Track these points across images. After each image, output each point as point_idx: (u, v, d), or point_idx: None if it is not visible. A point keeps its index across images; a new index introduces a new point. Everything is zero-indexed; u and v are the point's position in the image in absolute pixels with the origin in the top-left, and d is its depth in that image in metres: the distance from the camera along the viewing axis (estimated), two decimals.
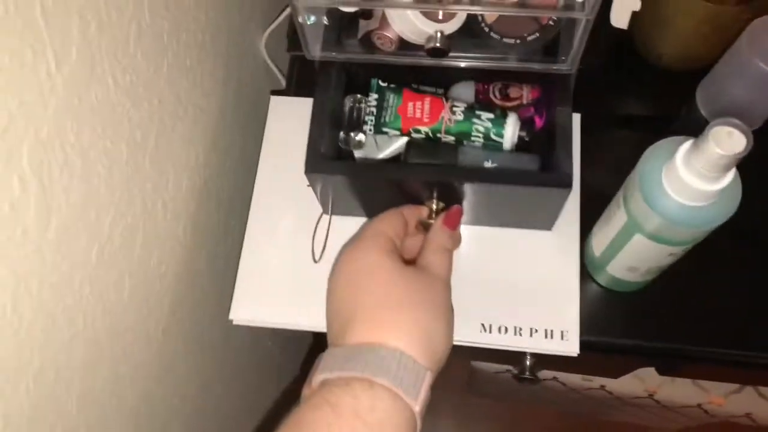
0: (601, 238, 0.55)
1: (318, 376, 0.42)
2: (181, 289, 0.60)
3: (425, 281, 0.46)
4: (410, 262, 0.50)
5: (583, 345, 0.58)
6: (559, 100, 0.54)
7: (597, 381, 1.02)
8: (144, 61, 0.48)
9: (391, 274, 0.45)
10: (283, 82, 0.80)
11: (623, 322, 0.60)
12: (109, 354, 0.50)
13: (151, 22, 0.49)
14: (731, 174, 0.41)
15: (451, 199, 0.56)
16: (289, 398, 0.44)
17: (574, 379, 1.03)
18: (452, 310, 0.47)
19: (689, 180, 0.42)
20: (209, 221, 0.65)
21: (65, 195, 0.41)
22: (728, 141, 0.39)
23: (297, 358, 1.10)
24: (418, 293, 0.45)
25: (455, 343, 0.58)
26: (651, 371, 0.83)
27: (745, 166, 0.41)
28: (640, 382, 0.99)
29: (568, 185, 0.52)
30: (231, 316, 0.61)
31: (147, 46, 0.48)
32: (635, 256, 0.51)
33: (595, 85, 0.65)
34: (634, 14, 0.50)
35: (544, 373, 1.03)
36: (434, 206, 0.55)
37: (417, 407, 0.40)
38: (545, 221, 0.60)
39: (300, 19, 0.52)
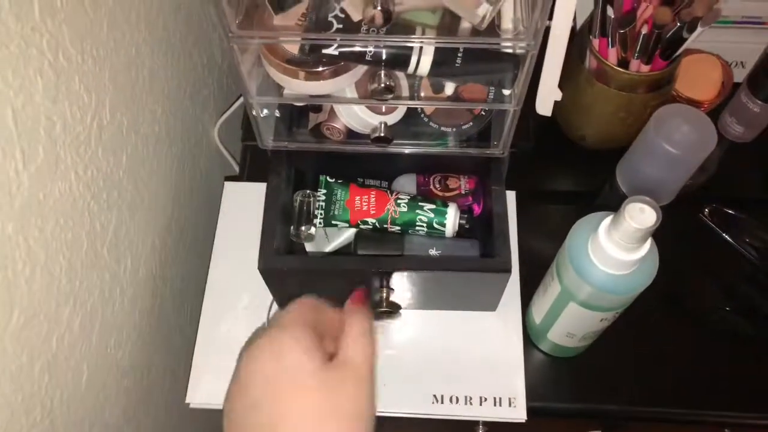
0: (540, 307, 0.59)
1: None
2: (138, 375, 0.61)
3: (348, 386, 0.42)
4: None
5: (531, 411, 0.60)
6: (493, 180, 0.59)
7: None
8: (104, 156, 0.51)
9: (313, 380, 0.41)
10: (236, 168, 0.83)
11: (568, 387, 0.63)
12: None
13: (111, 119, 0.52)
14: (648, 244, 0.46)
15: (399, 286, 0.59)
16: None
17: None
18: (374, 412, 0.43)
19: (612, 251, 0.46)
20: (164, 305, 0.66)
21: (27, 286, 0.42)
22: (641, 216, 0.43)
23: None
24: (342, 405, 0.41)
25: (410, 415, 0.60)
26: None
27: (661, 235, 0.47)
28: None
29: (508, 270, 0.56)
30: (188, 400, 0.61)
31: (107, 142, 0.51)
32: (571, 322, 0.55)
33: (527, 166, 0.71)
34: (559, 101, 0.56)
35: None
36: (384, 294, 0.58)
37: None
38: (489, 303, 0.64)
39: (254, 113, 0.56)
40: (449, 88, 0.54)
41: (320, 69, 0.51)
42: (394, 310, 0.58)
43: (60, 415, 0.48)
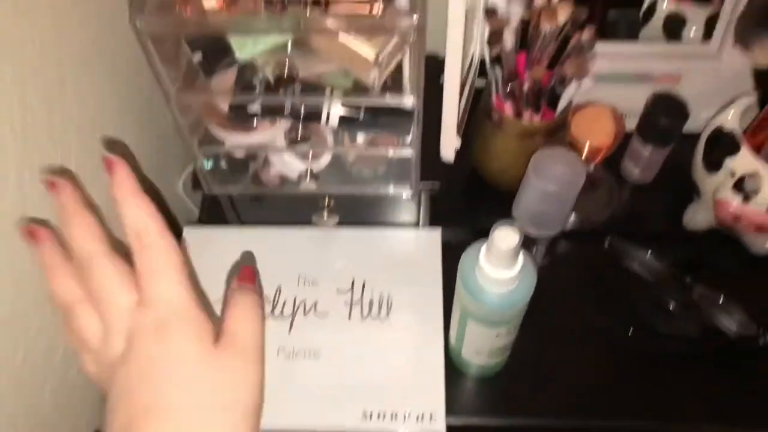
0: (453, 327, 0.66)
1: None
2: None
3: (237, 371, 0.40)
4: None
5: (453, 429, 0.67)
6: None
7: None
8: None
9: (200, 365, 0.39)
10: None
11: (487, 403, 0.70)
12: None
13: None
14: (520, 262, 0.54)
15: None
16: None
17: None
18: (262, 403, 0.41)
19: (491, 272, 0.54)
20: None
21: None
22: (506, 239, 0.52)
23: None
24: (230, 392, 0.39)
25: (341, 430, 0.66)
26: None
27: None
28: None
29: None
30: None
31: None
32: (473, 339, 0.62)
33: (454, 205, 0.80)
34: (475, 147, 0.65)
35: None
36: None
37: None
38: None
39: (198, 164, 0.66)
40: (360, 137, 0.64)
41: (252, 123, 0.61)
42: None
43: None
